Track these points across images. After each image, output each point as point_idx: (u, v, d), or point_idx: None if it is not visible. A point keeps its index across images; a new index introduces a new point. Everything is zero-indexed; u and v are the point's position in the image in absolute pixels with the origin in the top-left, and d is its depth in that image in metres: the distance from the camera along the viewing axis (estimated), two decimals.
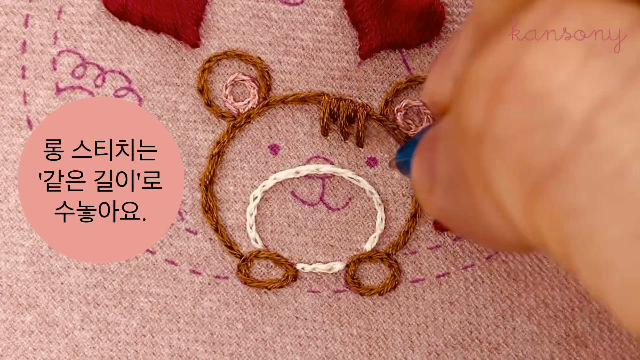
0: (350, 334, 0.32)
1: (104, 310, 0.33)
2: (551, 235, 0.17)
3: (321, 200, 0.33)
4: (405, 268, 0.32)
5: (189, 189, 0.33)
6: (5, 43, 0.33)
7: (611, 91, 0.16)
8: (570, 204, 0.16)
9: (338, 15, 0.32)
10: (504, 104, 0.17)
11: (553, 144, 0.16)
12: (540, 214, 0.17)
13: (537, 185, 0.16)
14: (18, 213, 0.33)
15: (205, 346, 0.33)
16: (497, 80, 0.17)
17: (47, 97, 0.33)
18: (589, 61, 0.16)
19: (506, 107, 0.17)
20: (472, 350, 0.32)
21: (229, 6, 0.32)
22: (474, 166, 0.18)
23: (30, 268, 0.33)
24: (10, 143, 0.33)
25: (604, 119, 0.16)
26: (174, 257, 0.33)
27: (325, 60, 0.32)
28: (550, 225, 0.17)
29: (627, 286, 0.16)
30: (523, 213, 0.17)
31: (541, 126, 0.16)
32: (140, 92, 0.33)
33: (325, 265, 0.32)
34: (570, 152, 0.16)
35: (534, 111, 0.16)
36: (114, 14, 0.33)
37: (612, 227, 0.16)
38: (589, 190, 0.16)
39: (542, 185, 0.16)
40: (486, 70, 0.17)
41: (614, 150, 0.15)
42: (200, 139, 0.33)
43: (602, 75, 0.16)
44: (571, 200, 0.16)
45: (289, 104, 0.33)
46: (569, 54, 0.16)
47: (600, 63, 0.16)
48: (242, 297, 0.33)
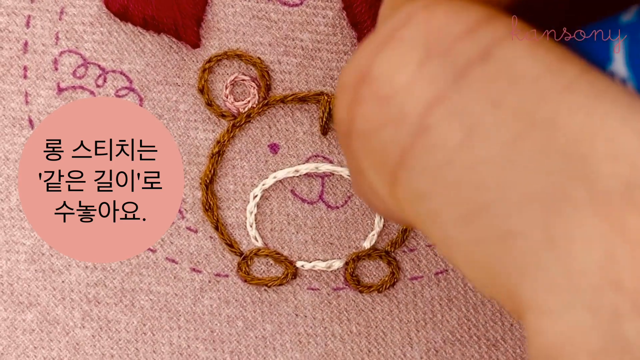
0: (350, 331, 0.33)
1: (105, 309, 0.33)
2: (411, 216, 0.19)
3: (321, 199, 0.33)
4: (404, 265, 0.33)
5: (190, 188, 0.33)
6: (7, 43, 0.33)
7: (441, 91, 0.18)
8: (417, 190, 0.18)
9: (337, 16, 0.33)
10: (361, 104, 0.19)
11: (399, 139, 0.18)
12: (400, 197, 0.19)
13: (393, 174, 0.19)
14: (19, 212, 0.33)
15: (205, 344, 0.33)
16: (356, 83, 0.19)
17: (48, 97, 0.33)
18: (425, 64, 0.18)
19: (363, 107, 0.19)
20: (471, 347, 0.32)
21: (229, 7, 0.33)
22: (350, 158, 0.20)
23: (31, 266, 0.33)
24: (11, 142, 0.33)
25: (435, 115, 0.18)
26: (175, 256, 0.33)
27: (325, 61, 0.33)
28: (408, 207, 0.19)
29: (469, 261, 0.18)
30: (389, 197, 0.19)
31: (389, 123, 0.18)
32: (141, 92, 0.33)
33: (325, 262, 0.33)
34: (411, 145, 0.18)
35: (382, 110, 0.18)
36: (115, 15, 0.33)
37: (449, 209, 0.18)
38: (427, 178, 0.18)
39: (396, 174, 0.19)
40: (348, 74, 0.19)
41: (443, 143, 0.17)
42: (201, 138, 0.33)
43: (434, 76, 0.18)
44: (417, 186, 0.18)
45: (288, 104, 0.33)
46: (408, 58, 0.18)
47: (434, 66, 0.18)
48: (242, 294, 0.33)
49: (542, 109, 0.17)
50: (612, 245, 0.16)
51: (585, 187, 0.16)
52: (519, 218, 0.17)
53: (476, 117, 0.17)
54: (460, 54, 0.18)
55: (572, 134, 0.16)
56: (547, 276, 0.16)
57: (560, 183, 0.16)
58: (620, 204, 0.16)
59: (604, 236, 0.16)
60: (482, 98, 0.17)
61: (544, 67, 0.17)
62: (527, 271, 0.17)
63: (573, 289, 0.16)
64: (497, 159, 0.17)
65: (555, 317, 0.16)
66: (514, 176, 0.17)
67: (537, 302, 0.16)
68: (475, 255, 0.18)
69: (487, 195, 0.17)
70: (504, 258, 0.17)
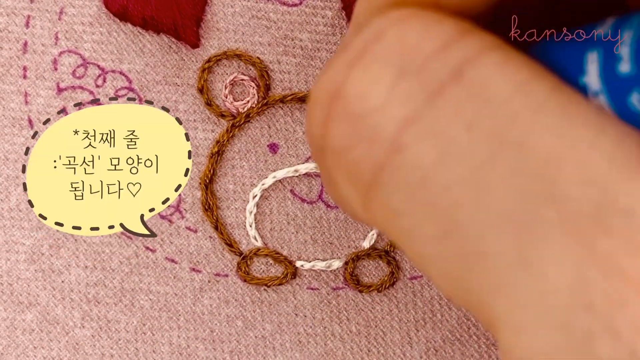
0: (350, 331, 0.33)
1: (105, 308, 0.33)
2: (385, 230, 0.19)
3: (320, 199, 0.33)
4: (404, 265, 0.33)
5: (189, 188, 0.33)
6: (6, 44, 0.33)
7: (414, 110, 0.18)
8: (390, 207, 0.18)
9: (336, 16, 0.33)
10: (334, 122, 0.19)
11: (372, 157, 0.18)
12: (374, 212, 0.19)
13: (366, 191, 0.19)
14: (19, 212, 0.33)
15: (205, 343, 0.33)
16: (330, 100, 0.19)
17: (48, 97, 0.33)
18: (398, 83, 0.18)
19: (336, 125, 0.19)
20: (470, 346, 0.32)
21: (228, 7, 0.33)
22: (324, 172, 0.20)
23: (30, 267, 0.33)
24: (11, 142, 0.33)
25: (409, 135, 0.18)
26: (174, 255, 0.33)
27: (324, 60, 0.33)
28: (382, 222, 0.19)
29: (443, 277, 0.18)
30: (363, 211, 0.19)
31: (362, 142, 0.18)
32: (141, 92, 0.33)
33: (324, 262, 0.33)
34: (384, 164, 0.18)
35: (356, 129, 0.18)
36: (115, 15, 0.33)
37: (422, 227, 0.18)
38: (401, 196, 0.18)
39: (369, 191, 0.19)
40: (321, 90, 0.19)
41: (417, 163, 0.18)
42: (200, 138, 0.33)
43: (408, 96, 0.18)
44: (390, 204, 0.18)
45: (288, 104, 0.33)
46: (381, 76, 0.18)
47: (407, 84, 0.18)
48: (242, 294, 0.33)
49: (513, 130, 0.17)
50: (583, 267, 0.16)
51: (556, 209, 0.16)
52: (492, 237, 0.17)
53: (449, 138, 0.17)
54: (433, 73, 0.18)
55: (542, 155, 0.16)
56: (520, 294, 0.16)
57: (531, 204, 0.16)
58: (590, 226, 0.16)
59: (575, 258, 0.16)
60: (455, 119, 0.17)
61: (514, 87, 0.17)
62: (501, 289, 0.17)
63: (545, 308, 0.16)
64: (470, 179, 0.17)
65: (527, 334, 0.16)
66: (487, 197, 0.17)
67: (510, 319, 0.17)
68: (449, 271, 0.18)
69: (460, 214, 0.17)
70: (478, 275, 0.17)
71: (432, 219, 0.18)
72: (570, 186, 0.16)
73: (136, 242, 0.33)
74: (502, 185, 0.17)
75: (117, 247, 0.33)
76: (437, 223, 0.18)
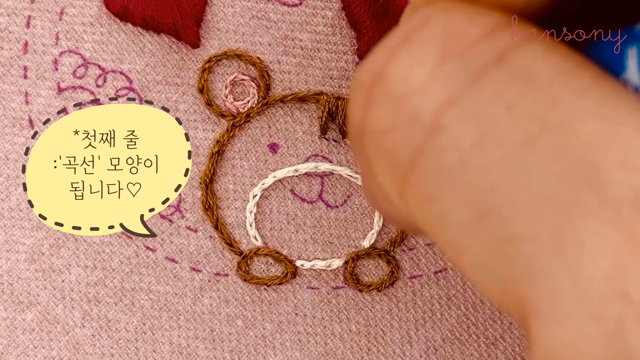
0: (349, 330, 0.33)
1: (105, 308, 0.33)
2: (420, 218, 0.19)
3: (320, 198, 0.33)
4: (404, 264, 0.33)
5: (190, 187, 0.33)
6: (7, 44, 0.33)
7: (455, 92, 0.17)
8: (427, 191, 0.18)
9: (336, 16, 0.33)
10: (375, 104, 0.19)
11: (411, 139, 0.18)
12: (410, 199, 0.19)
13: (404, 175, 0.19)
14: (19, 212, 0.33)
15: (205, 343, 0.33)
16: (371, 83, 0.19)
17: (48, 97, 0.33)
18: (441, 65, 0.18)
19: (376, 107, 0.19)
20: (470, 345, 0.32)
21: (228, 7, 0.33)
22: (362, 158, 0.20)
23: (31, 266, 0.33)
24: (12, 142, 0.33)
25: (448, 116, 0.17)
26: (175, 255, 0.33)
27: (324, 61, 0.33)
28: (417, 210, 0.19)
29: (476, 265, 0.18)
30: (399, 198, 0.19)
31: (402, 123, 0.18)
32: (141, 92, 0.33)
33: (324, 261, 0.33)
34: (423, 145, 0.18)
35: (396, 110, 0.18)
36: (115, 15, 0.33)
37: (458, 211, 0.18)
38: (438, 179, 0.18)
39: (407, 174, 0.18)
40: (364, 74, 0.19)
41: (455, 144, 0.17)
42: (201, 138, 0.33)
43: (450, 77, 0.18)
44: (427, 187, 0.18)
45: (288, 103, 0.33)
46: (425, 59, 0.18)
47: (450, 67, 0.18)
48: (242, 294, 0.33)
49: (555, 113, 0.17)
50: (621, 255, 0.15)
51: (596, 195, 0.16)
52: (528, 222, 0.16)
53: (489, 119, 0.17)
54: (476, 56, 0.18)
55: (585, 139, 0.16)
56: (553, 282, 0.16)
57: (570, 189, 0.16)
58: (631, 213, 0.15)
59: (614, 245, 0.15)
60: (496, 101, 0.17)
61: (558, 72, 0.17)
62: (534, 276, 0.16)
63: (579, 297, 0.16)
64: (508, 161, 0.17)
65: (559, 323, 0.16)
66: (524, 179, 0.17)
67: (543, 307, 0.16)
68: (483, 258, 0.17)
69: (497, 197, 0.17)
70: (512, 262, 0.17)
71: (467, 202, 0.17)
72: (612, 171, 0.16)
73: (136, 242, 0.33)
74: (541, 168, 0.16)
75: (117, 247, 0.33)
76: (473, 206, 0.17)
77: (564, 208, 0.16)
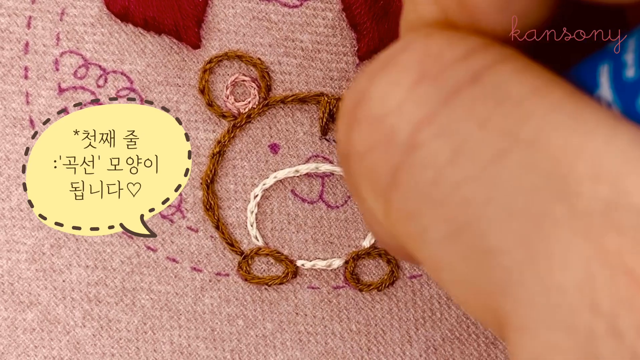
0: (350, 330, 0.33)
1: (106, 308, 0.33)
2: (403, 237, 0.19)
3: (321, 198, 0.33)
4: (404, 264, 0.33)
5: (191, 188, 0.33)
6: (8, 44, 0.33)
7: (430, 110, 0.18)
8: (407, 209, 0.18)
9: (337, 17, 0.33)
10: (357, 125, 0.19)
11: (390, 158, 0.18)
12: (393, 218, 0.19)
13: (385, 193, 0.19)
14: (20, 212, 0.33)
15: (206, 342, 0.33)
16: (354, 105, 0.19)
17: (49, 97, 0.33)
18: (417, 85, 0.18)
19: (358, 128, 0.19)
20: (470, 345, 0.33)
21: (229, 8, 0.33)
22: (351, 183, 0.20)
23: (31, 266, 0.33)
24: (12, 142, 0.33)
25: (424, 134, 0.18)
26: (176, 255, 0.33)
27: (325, 62, 0.33)
28: (400, 228, 0.19)
29: (456, 281, 0.18)
30: (385, 219, 0.20)
31: (381, 143, 0.19)
32: (142, 93, 0.33)
33: (325, 261, 0.33)
34: (401, 163, 0.18)
35: (376, 131, 0.19)
36: (116, 16, 0.33)
37: (436, 227, 0.18)
38: (417, 195, 0.18)
39: (388, 193, 0.19)
40: (348, 98, 0.20)
41: (432, 161, 0.18)
42: (202, 139, 0.33)
43: (425, 97, 0.18)
44: (407, 205, 0.18)
45: (288, 104, 0.33)
46: (402, 80, 0.19)
47: (425, 87, 0.18)
48: (243, 293, 0.33)
49: (526, 128, 0.17)
50: (591, 266, 0.15)
51: (566, 206, 0.16)
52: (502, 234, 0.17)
53: (463, 136, 0.17)
54: (451, 76, 0.18)
55: (555, 152, 0.16)
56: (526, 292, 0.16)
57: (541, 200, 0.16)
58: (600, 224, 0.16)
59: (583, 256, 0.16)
60: (470, 117, 0.17)
61: (530, 90, 0.17)
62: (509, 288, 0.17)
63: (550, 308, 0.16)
64: (481, 175, 0.17)
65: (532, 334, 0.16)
66: (496, 193, 0.17)
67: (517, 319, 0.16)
68: (462, 274, 0.18)
69: (472, 211, 0.17)
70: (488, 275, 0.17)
71: (444, 217, 0.18)
72: (581, 183, 0.16)
73: (137, 242, 0.33)
74: (512, 181, 0.17)
75: (118, 247, 0.33)
76: (449, 221, 0.18)
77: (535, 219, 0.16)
